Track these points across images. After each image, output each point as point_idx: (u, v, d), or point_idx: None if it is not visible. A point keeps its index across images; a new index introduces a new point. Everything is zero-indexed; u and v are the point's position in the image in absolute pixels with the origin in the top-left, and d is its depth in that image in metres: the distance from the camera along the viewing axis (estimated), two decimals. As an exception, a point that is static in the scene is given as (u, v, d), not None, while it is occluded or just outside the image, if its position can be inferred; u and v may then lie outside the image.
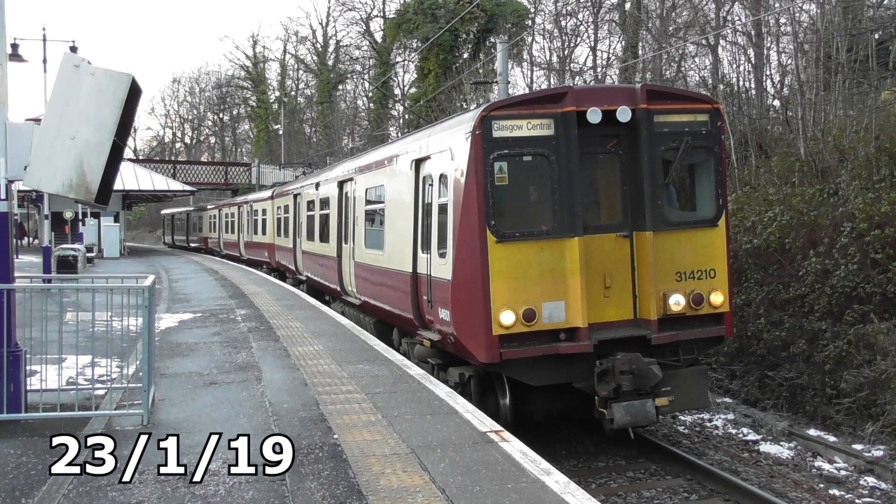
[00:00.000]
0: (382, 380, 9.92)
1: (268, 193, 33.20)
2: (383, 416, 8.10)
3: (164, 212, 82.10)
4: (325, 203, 20.24)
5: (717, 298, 10.53)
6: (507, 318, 9.65)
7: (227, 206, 45.83)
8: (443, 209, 10.99)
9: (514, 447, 6.98)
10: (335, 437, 7.36)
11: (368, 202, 15.75)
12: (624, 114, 10.05)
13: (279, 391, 9.32)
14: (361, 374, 10.22)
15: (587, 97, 10.27)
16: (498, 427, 7.68)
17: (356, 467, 6.47)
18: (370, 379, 9.97)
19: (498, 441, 7.16)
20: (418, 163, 12.33)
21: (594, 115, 9.96)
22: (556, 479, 6.13)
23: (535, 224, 10.17)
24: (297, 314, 16.87)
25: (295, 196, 25.68)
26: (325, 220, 20.20)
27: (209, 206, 54.46)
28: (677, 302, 10.23)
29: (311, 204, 22.57)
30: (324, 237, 20.20)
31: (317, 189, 21.53)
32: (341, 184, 18.37)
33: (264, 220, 32.53)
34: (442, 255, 10.85)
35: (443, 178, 11.13)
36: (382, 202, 14.49)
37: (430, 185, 11.68)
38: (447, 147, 10.85)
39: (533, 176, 10.45)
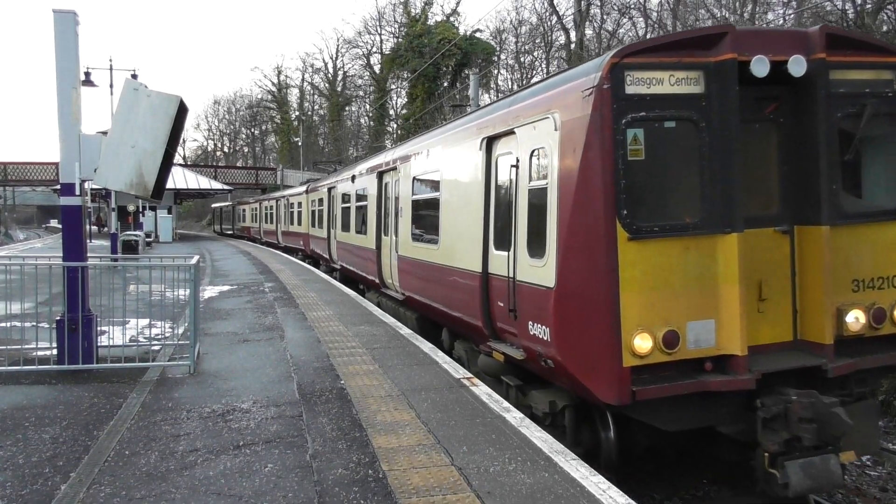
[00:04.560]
0: (379, 338, 9.89)
1: (303, 188, 29.61)
2: (380, 366, 8.08)
3: (214, 205, 79.26)
4: (361, 195, 16.24)
5: None
6: (642, 343, 5.72)
7: (266, 200, 42.77)
8: (537, 195, 6.84)
9: (482, 390, 6.98)
10: (342, 382, 7.33)
11: (417, 192, 11.37)
12: (798, 65, 6.00)
13: (298, 347, 9.26)
14: (363, 334, 10.18)
15: (750, 42, 6.05)
16: (469, 374, 7.68)
17: (358, 406, 6.45)
18: (370, 337, 9.93)
19: (469, 385, 7.16)
20: (491, 141, 8.12)
21: (761, 66, 5.88)
22: (513, 416, 6.14)
23: (677, 215, 6.01)
24: (313, 287, 16.76)
25: (329, 189, 21.79)
26: (361, 211, 16.24)
27: (251, 200, 51.99)
28: (856, 319, 6.28)
29: (345, 196, 18.59)
30: (360, 229, 16.17)
31: (353, 182, 17.39)
32: (381, 174, 14.06)
33: (300, 212, 29.17)
34: (535, 255, 6.77)
35: (537, 155, 6.92)
36: (436, 191, 10.18)
37: (512, 166, 7.33)
38: (547, 114, 6.68)
39: (676, 149, 6.08)
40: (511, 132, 7.55)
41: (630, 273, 5.78)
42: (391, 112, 60.76)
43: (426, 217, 10.80)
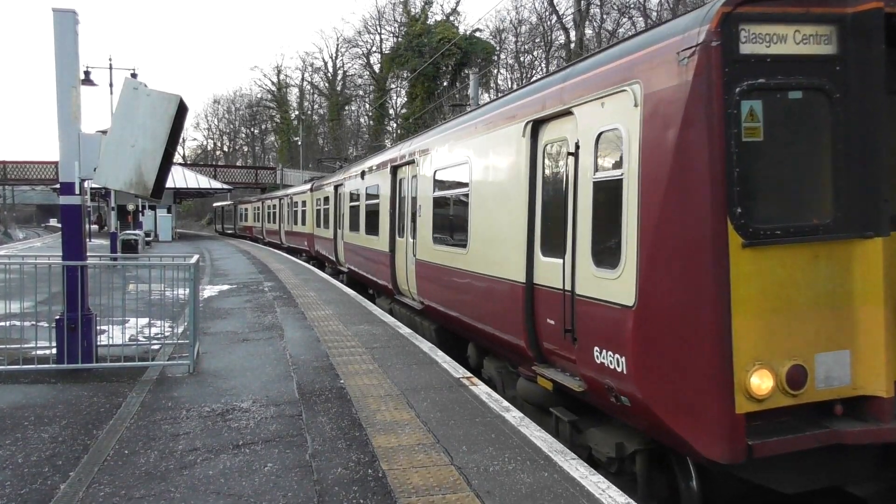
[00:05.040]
0: (379, 337, 9.88)
1: (307, 186, 27.93)
2: (379, 365, 8.08)
3: (215, 204, 77.70)
4: (372, 193, 14.70)
5: None
6: (761, 382, 4.41)
7: (269, 199, 41.34)
8: (606, 190, 5.49)
9: (481, 390, 6.98)
10: (341, 382, 7.33)
11: (439, 188, 9.94)
12: None
13: (297, 346, 9.26)
14: (362, 333, 10.18)
15: None
16: (468, 374, 7.68)
17: (358, 405, 6.44)
18: (369, 336, 9.92)
19: (468, 385, 7.16)
20: (537, 125, 6.77)
21: None
22: (513, 415, 6.14)
23: (804, 214, 4.66)
24: (312, 286, 16.75)
25: (336, 187, 20.23)
26: (372, 211, 14.67)
27: (252, 199, 50.87)
28: None
29: (354, 194, 16.91)
30: (371, 229, 14.67)
31: (362, 178, 15.79)
32: (395, 169, 12.68)
33: (304, 212, 27.83)
34: (604, 265, 5.43)
35: (607, 139, 5.51)
36: (464, 187, 8.72)
37: (569, 154, 6.02)
38: (622, 86, 5.29)
39: (803, 128, 4.70)
40: (566, 113, 6.21)
41: (745, 290, 4.39)
42: (391, 111, 60.76)
43: (451, 217, 9.45)
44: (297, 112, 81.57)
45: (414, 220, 11.25)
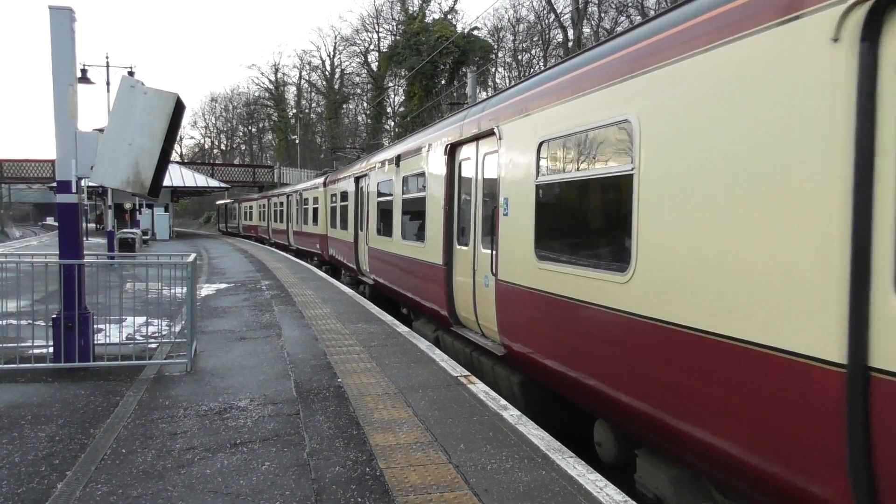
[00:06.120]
0: (377, 335, 9.88)
1: (320, 180, 24.76)
2: (377, 364, 8.08)
3: (218, 202, 74.83)
4: (414, 184, 11.41)
5: None
6: None
7: (276, 196, 37.91)
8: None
9: (479, 388, 6.98)
10: (339, 380, 7.33)
11: (551, 170, 6.42)
12: None
13: (295, 345, 9.25)
14: (360, 332, 10.18)
15: None
16: (466, 372, 7.68)
17: (355, 404, 6.44)
18: (367, 335, 9.92)
19: (466, 383, 7.17)
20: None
21: None
22: (511, 413, 6.15)
23: None
24: (310, 284, 16.74)
25: (357, 179, 16.86)
26: (413, 209, 11.37)
27: (255, 196, 48.18)
28: None
29: (385, 187, 13.62)
30: (411, 233, 11.47)
31: (397, 165, 12.35)
32: (454, 148, 9.23)
33: (315, 210, 24.56)
34: None
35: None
36: (620, 164, 5.19)
37: None
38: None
39: None
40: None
41: None
42: (388, 110, 60.76)
43: (589, 215, 6.00)
44: (294, 110, 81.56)
45: (494, 223, 7.63)
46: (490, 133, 7.97)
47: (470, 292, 8.64)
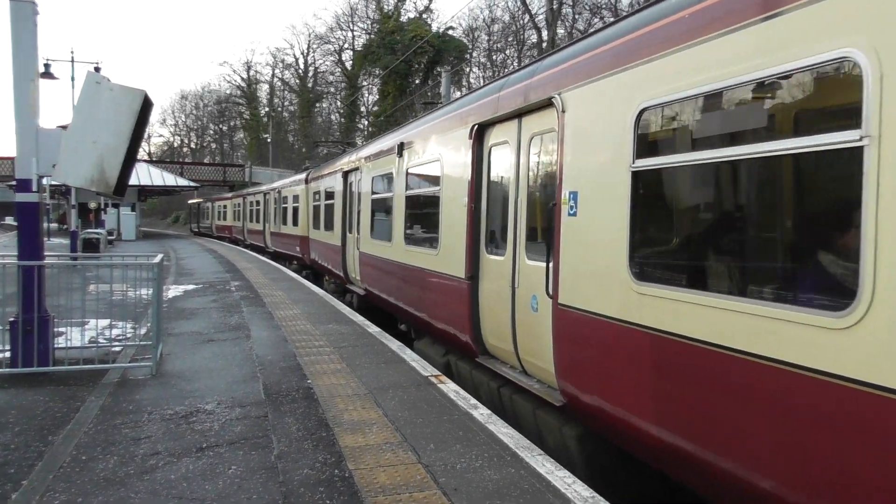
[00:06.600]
0: (347, 336, 9.83)
1: (301, 176, 22.96)
2: (347, 365, 8.03)
3: (190, 201, 72.08)
4: (419, 175, 9.60)
5: None
6: None
7: (252, 195, 35.76)
8: None
9: (450, 388, 6.98)
10: (308, 382, 7.27)
11: (671, 147, 4.50)
12: None
13: (264, 346, 9.16)
14: (331, 333, 10.11)
15: None
16: (437, 372, 7.67)
17: (325, 405, 6.40)
18: (338, 336, 9.86)
19: (437, 383, 7.16)
20: None
21: None
22: (481, 413, 6.16)
23: None
24: (280, 285, 16.59)
25: (346, 174, 14.92)
26: (421, 206, 9.67)
27: (230, 195, 46.33)
28: None
29: (382, 182, 11.66)
30: (416, 237, 9.71)
31: (399, 155, 10.35)
32: (483, 130, 7.37)
33: (295, 209, 22.61)
34: None
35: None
36: (850, 132, 3.15)
37: None
38: None
39: None
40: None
41: None
42: (362, 109, 60.57)
43: (745, 214, 4.14)
44: (267, 109, 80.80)
45: (547, 226, 5.84)
46: (545, 105, 6.02)
47: (507, 316, 6.65)
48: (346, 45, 64.05)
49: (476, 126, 7.41)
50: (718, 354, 3.86)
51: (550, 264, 5.69)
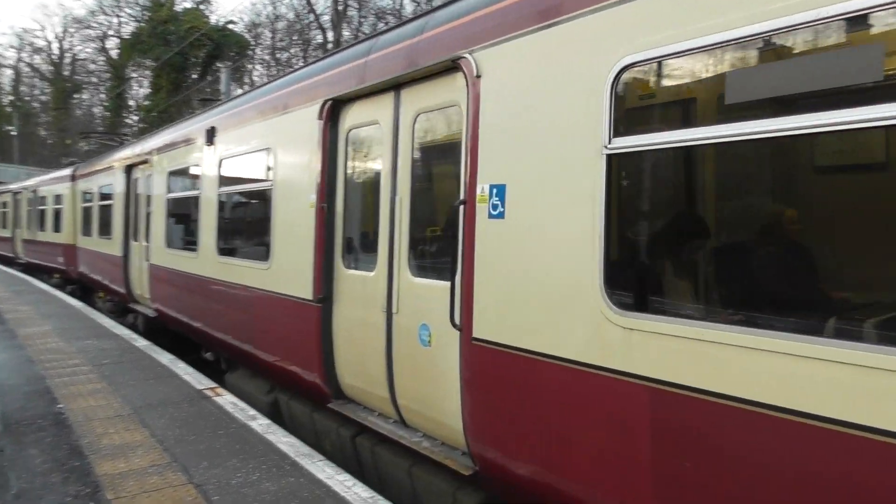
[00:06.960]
0: (110, 352, 8.88)
1: (66, 172, 19.12)
2: (109, 383, 7.25)
3: None
4: (241, 167, 7.49)
5: None
6: None
7: None
8: None
9: (227, 399, 6.64)
10: (59, 406, 6.43)
11: (672, 117, 3.26)
12: None
13: (3, 370, 7.90)
14: (89, 349, 9.06)
15: None
16: (213, 384, 7.25)
17: (79, 431, 5.71)
18: (98, 352, 8.86)
19: (213, 396, 6.77)
20: None
21: None
22: (259, 423, 5.95)
23: None
24: (26, 298, 14.49)
25: (130, 169, 12.18)
26: (242, 208, 8.11)
27: None
28: None
29: (184, 178, 9.43)
30: (235, 247, 7.77)
31: (209, 143, 8.16)
32: (338, 108, 5.59)
33: (58, 211, 18.82)
34: None
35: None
36: None
37: None
38: None
39: None
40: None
41: None
42: (131, 103, 55.32)
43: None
44: (12, 97, 70.18)
45: (450, 233, 4.26)
46: (443, 70, 4.42)
47: (379, 350, 4.98)
48: (110, 32, 58.01)
49: (329, 102, 5.57)
50: (790, 424, 2.43)
51: (458, 283, 4.09)
